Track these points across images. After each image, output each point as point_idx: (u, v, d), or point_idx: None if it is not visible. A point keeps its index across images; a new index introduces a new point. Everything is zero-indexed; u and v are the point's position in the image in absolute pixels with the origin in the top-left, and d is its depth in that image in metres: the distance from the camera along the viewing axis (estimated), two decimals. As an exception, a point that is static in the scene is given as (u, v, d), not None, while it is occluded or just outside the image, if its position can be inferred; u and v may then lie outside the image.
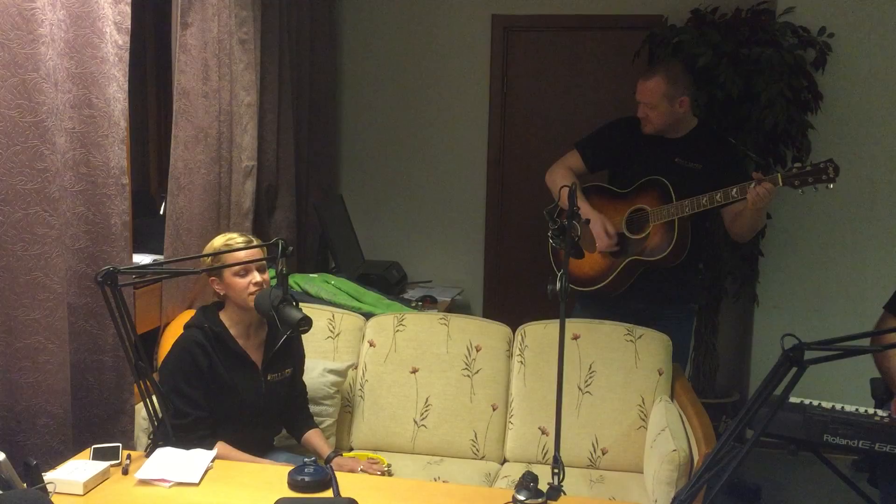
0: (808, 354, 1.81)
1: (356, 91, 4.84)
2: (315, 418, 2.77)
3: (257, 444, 2.54)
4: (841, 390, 3.11)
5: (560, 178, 3.21)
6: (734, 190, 2.85)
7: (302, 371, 2.71)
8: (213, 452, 2.16)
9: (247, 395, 2.47)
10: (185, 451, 2.14)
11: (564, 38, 4.58)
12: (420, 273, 4.73)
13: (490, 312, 4.69)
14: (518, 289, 4.78)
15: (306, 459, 2.06)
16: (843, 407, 2.54)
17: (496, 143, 4.70)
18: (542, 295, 3.11)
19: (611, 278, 3.10)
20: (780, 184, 2.80)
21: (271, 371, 2.54)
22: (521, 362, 3.04)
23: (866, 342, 2.82)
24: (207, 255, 2.44)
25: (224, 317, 2.49)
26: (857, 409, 2.54)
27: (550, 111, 4.67)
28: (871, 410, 2.56)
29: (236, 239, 2.47)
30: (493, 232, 4.80)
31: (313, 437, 2.65)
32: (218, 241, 2.48)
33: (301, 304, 2.32)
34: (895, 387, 2.68)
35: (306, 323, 2.21)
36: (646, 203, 3.07)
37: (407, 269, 4.58)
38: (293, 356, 2.64)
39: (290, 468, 2.08)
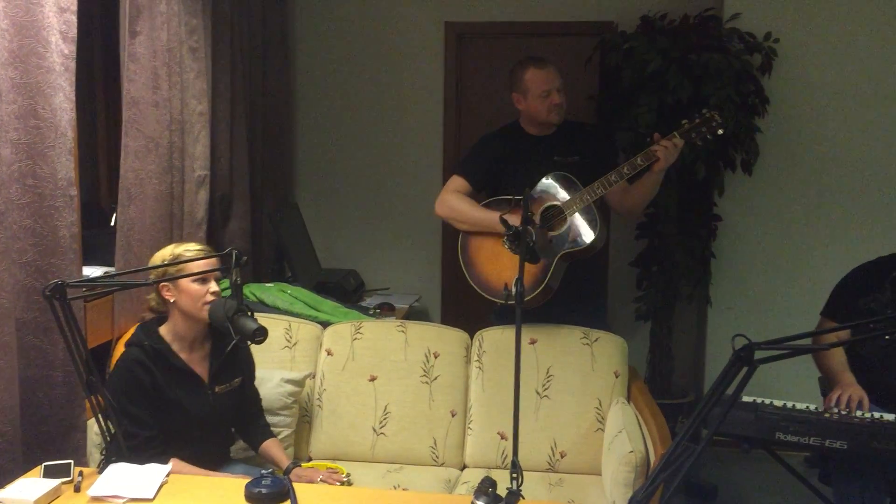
0: (758, 354, 1.85)
1: (311, 99, 4.82)
2: (273, 429, 2.75)
3: (212, 458, 2.50)
4: (793, 389, 3.18)
5: (457, 202, 3.17)
6: (638, 158, 2.87)
7: (252, 379, 2.68)
8: (167, 467, 2.12)
9: (194, 410, 2.43)
10: (139, 466, 2.10)
11: (517, 44, 4.61)
12: (378, 280, 4.72)
13: (448, 319, 4.70)
14: (476, 295, 4.77)
15: (263, 471, 2.04)
16: (794, 405, 2.60)
17: (451, 150, 4.71)
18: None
19: (548, 279, 2.98)
20: (680, 139, 2.86)
21: (218, 383, 2.50)
22: (480, 368, 3.05)
23: (814, 342, 2.90)
24: (166, 265, 2.39)
25: (165, 331, 2.44)
26: (807, 407, 2.61)
27: (505, 118, 4.65)
28: (821, 408, 2.63)
29: (194, 246, 2.45)
30: (450, 238, 4.80)
31: (271, 447, 2.62)
32: (170, 251, 2.44)
33: (257, 314, 2.29)
34: (834, 382, 2.75)
35: (262, 333, 2.18)
36: (552, 199, 3.01)
37: (364, 277, 4.57)
38: (241, 365, 2.60)
39: (247, 480, 2.05)
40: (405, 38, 4.69)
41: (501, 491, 1.97)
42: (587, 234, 2.96)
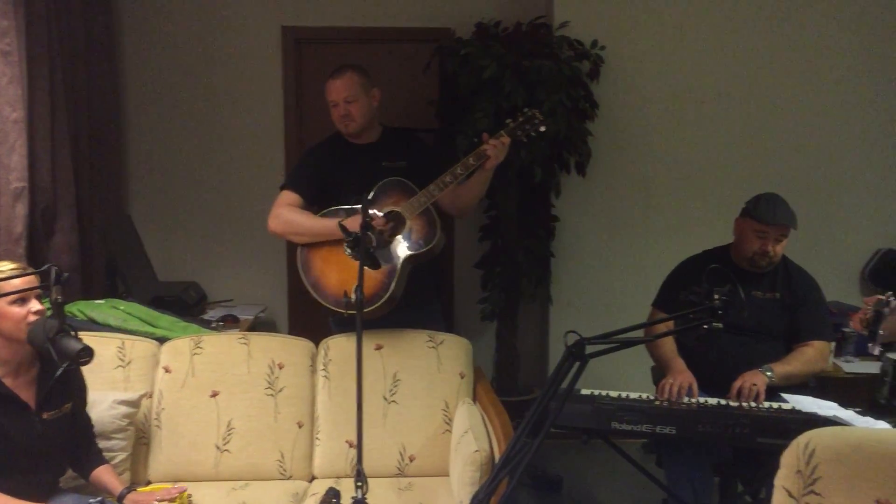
0: (590, 348, 1.93)
1: (142, 105, 4.60)
2: (107, 453, 2.61)
3: (39, 490, 2.33)
4: (630, 380, 3.33)
5: (291, 215, 3.11)
6: (470, 158, 2.95)
7: (84, 404, 2.53)
8: (-18, 504, 1.96)
9: (20, 438, 2.26)
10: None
11: (356, 50, 4.59)
12: (221, 292, 4.56)
13: (297, 328, 4.62)
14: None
15: (91, 500, 1.92)
16: (628, 395, 2.73)
17: (294, 157, 4.62)
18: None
19: (393, 286, 2.97)
20: (507, 137, 2.96)
21: (47, 409, 2.34)
22: (326, 377, 3.01)
23: (641, 334, 3.05)
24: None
25: None
26: (640, 396, 2.75)
27: (347, 123, 4.66)
28: (652, 396, 2.77)
29: (7, 266, 2.27)
30: (295, 246, 4.71)
31: (103, 473, 2.48)
32: None
33: (86, 333, 2.17)
34: (666, 370, 2.91)
35: (87, 354, 2.07)
36: (390, 205, 3.02)
37: (207, 289, 4.41)
38: (72, 390, 2.45)
39: (74, 511, 1.93)
40: (240, 42, 4.57)
41: (347, 500, 1.96)
42: (429, 236, 2.99)
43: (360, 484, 1.97)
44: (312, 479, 2.95)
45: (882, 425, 2.38)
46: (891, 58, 4.37)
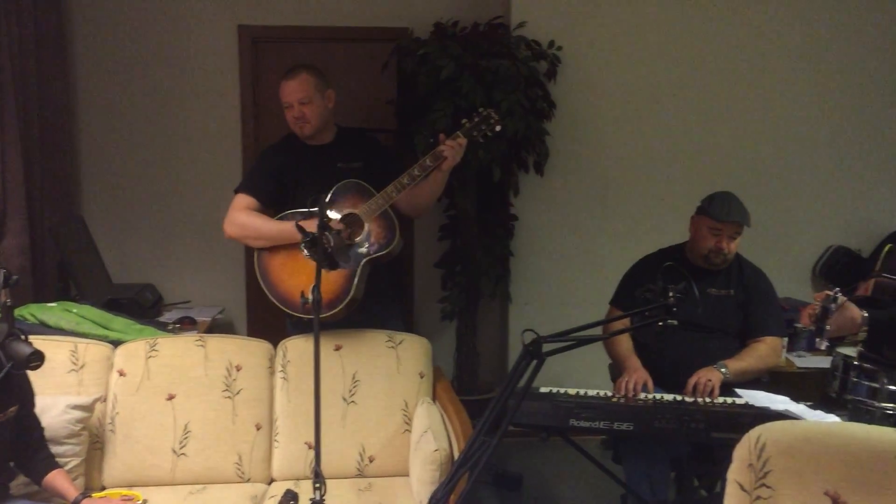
0: (547, 346, 1.94)
1: (95, 105, 4.51)
2: (60, 459, 2.56)
3: (-12, 497, 2.29)
4: (589, 377, 3.36)
5: (248, 219, 3.08)
6: (427, 160, 2.95)
7: (31, 407, 2.47)
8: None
9: None
10: None
11: (314, 49, 4.57)
12: (178, 294, 4.50)
13: (255, 330, 4.57)
14: (283, 303, 4.68)
15: (43, 507, 1.88)
16: (586, 392, 2.76)
17: (251, 156, 4.58)
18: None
19: (353, 289, 2.95)
20: (464, 137, 2.97)
21: None
22: (284, 378, 2.99)
23: (598, 331, 3.09)
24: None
25: None
26: (598, 393, 2.78)
27: (305, 123, 4.63)
28: (609, 393, 2.81)
29: None
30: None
31: (56, 478, 2.43)
32: None
33: (37, 337, 2.13)
34: (622, 368, 2.95)
35: (37, 358, 2.04)
36: (348, 207, 3.00)
37: (163, 291, 4.35)
38: (17, 392, 2.39)
39: (25, 519, 1.90)
40: (195, 41, 4.51)
41: (305, 502, 1.95)
42: (388, 238, 2.98)
43: (318, 485, 1.96)
44: (271, 481, 2.93)
45: (832, 419, 2.43)
46: (841, 59, 4.48)
